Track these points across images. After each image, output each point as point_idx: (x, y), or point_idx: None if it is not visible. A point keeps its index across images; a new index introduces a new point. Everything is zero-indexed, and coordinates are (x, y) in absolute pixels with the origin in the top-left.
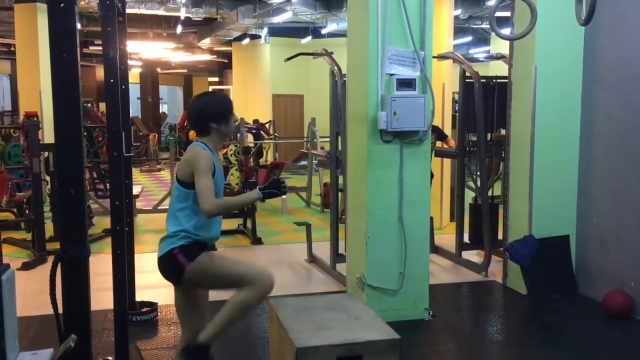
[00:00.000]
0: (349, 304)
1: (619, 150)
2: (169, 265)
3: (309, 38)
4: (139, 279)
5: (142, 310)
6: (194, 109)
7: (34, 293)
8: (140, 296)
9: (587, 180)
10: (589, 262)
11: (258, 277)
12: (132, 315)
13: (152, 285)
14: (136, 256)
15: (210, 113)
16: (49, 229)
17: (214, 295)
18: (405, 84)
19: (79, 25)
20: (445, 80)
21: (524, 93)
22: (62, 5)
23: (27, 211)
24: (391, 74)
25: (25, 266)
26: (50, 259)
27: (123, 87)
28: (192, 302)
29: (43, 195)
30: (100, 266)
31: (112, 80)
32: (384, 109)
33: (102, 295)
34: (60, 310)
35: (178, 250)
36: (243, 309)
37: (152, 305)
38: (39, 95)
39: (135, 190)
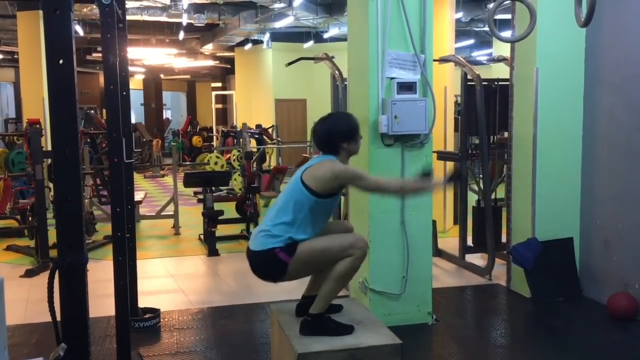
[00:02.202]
0: (351, 309)
1: (622, 151)
2: (269, 264)
3: (311, 43)
4: (142, 285)
5: (145, 316)
6: (323, 130)
7: (37, 300)
8: (142, 302)
9: (590, 182)
10: (593, 264)
11: (355, 243)
12: (135, 321)
13: (155, 292)
14: (139, 262)
15: (340, 134)
16: (52, 235)
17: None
18: (406, 87)
19: (81, 32)
20: (447, 84)
21: (526, 95)
22: (58, 12)
23: (30, 218)
24: (392, 78)
25: (29, 273)
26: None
27: (124, 93)
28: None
29: (46, 202)
30: (103, 273)
31: (112, 87)
32: (384, 112)
33: (104, 302)
34: (59, 318)
35: (280, 249)
36: (349, 275)
37: (155, 312)
38: (42, 102)
39: (139, 196)
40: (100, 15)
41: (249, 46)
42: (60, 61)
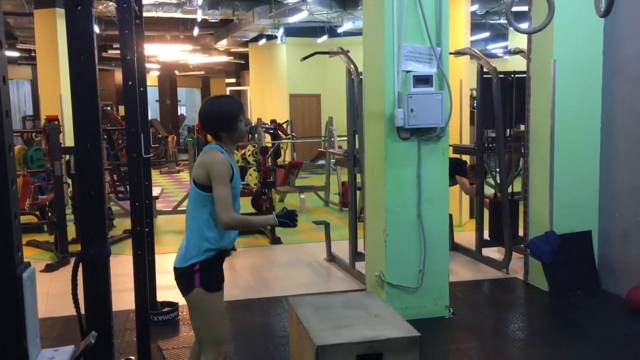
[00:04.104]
0: (369, 302)
1: None
2: (184, 279)
3: (325, 37)
4: (160, 279)
5: (164, 310)
6: (202, 116)
7: (58, 294)
8: (161, 296)
9: (608, 175)
10: (612, 257)
11: (219, 346)
12: (154, 315)
13: (173, 286)
14: (157, 257)
15: (217, 120)
16: (71, 231)
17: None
18: (422, 80)
19: (97, 30)
20: (462, 77)
21: (543, 88)
22: (79, 8)
23: (49, 214)
24: (407, 71)
25: (49, 268)
26: (73, 260)
27: (141, 89)
28: None
29: (65, 198)
30: (122, 267)
31: (130, 83)
32: (400, 106)
33: (123, 296)
34: (83, 311)
35: (198, 267)
36: None
37: (173, 305)
38: (59, 99)
39: (155, 191)
40: (117, 12)
41: (263, 41)
42: (82, 57)
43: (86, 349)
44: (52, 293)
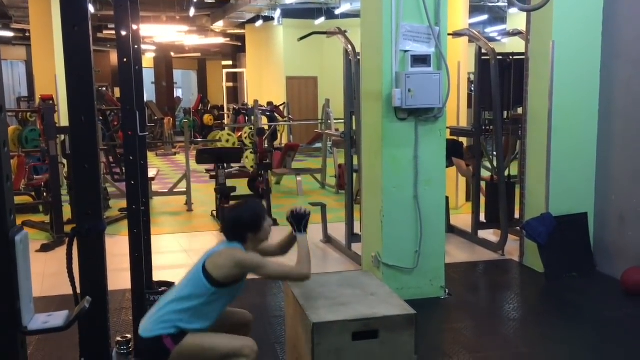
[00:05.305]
0: (365, 281)
1: (638, 127)
2: (152, 349)
3: (322, 19)
4: (156, 260)
5: (160, 289)
6: (229, 219)
7: (53, 274)
8: (157, 276)
9: (605, 157)
10: (607, 239)
11: (242, 349)
12: (150, 294)
13: (169, 266)
14: (153, 237)
15: (246, 224)
16: (67, 211)
17: None
18: (420, 60)
19: (92, 9)
20: (460, 59)
21: (542, 69)
22: None
23: (45, 194)
24: (405, 51)
25: (44, 248)
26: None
27: (137, 67)
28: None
29: (60, 178)
30: (117, 247)
31: (125, 60)
32: (398, 86)
33: (120, 275)
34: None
35: (167, 336)
36: None
37: (170, 285)
38: (54, 79)
39: (151, 173)
40: None
41: (259, 23)
42: (75, 27)
43: (80, 313)
44: (47, 273)
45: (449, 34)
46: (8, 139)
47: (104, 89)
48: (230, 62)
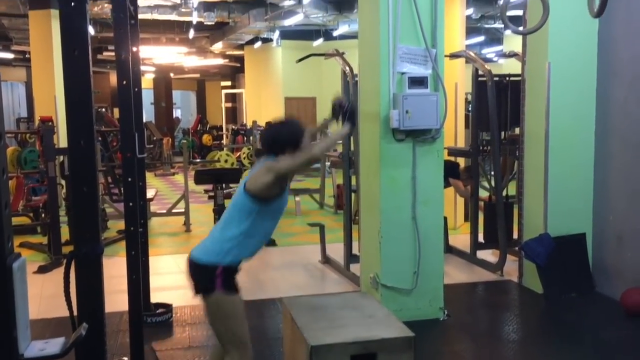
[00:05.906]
0: (363, 303)
1: (635, 147)
2: (203, 278)
3: (320, 40)
4: (154, 281)
5: (157, 311)
6: (268, 137)
7: (51, 296)
8: (155, 298)
9: (603, 178)
10: (606, 260)
11: (247, 349)
12: (147, 316)
13: (167, 287)
14: (151, 258)
15: (287, 140)
16: (65, 232)
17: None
18: (417, 82)
19: (92, 31)
20: (457, 80)
21: (538, 90)
22: (73, 3)
23: (43, 215)
24: (403, 72)
25: (42, 269)
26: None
27: (136, 89)
28: None
29: (59, 200)
30: (115, 269)
31: (124, 82)
32: (396, 107)
33: (117, 297)
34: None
35: (221, 271)
36: None
37: (167, 307)
38: (54, 100)
39: (150, 193)
40: (112, 11)
41: (258, 44)
42: (75, 52)
43: (77, 340)
44: (45, 294)
45: (445, 56)
46: (7, 165)
47: (103, 109)
48: (229, 83)
